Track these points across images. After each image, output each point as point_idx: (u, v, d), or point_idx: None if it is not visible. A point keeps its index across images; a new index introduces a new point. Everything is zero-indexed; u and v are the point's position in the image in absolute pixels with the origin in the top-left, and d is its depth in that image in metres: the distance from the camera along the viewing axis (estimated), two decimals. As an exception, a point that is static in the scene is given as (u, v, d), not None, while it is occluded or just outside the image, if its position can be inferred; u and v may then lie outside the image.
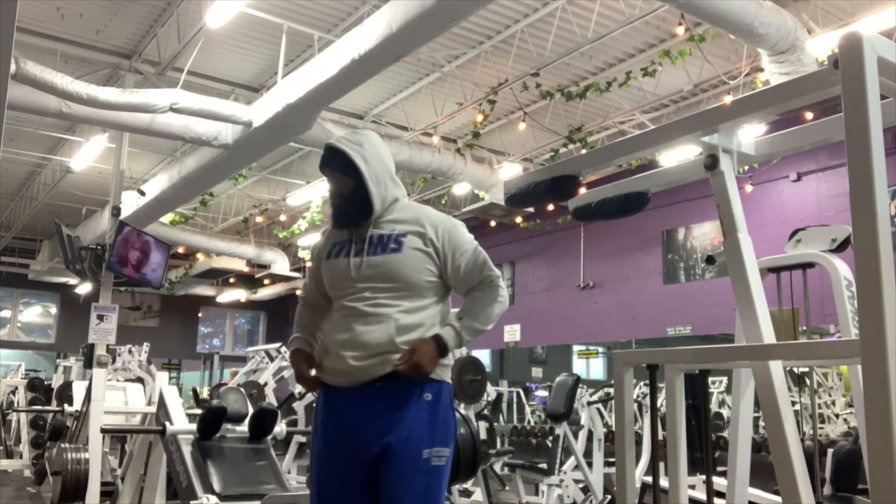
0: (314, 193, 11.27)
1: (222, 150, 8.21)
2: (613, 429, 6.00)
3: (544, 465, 6.25)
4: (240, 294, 18.84)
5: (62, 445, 5.29)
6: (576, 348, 14.28)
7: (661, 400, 6.15)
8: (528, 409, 13.65)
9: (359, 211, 2.37)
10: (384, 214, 2.38)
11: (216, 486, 3.98)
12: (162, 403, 4.68)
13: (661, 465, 2.55)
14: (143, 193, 9.75)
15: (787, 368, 3.29)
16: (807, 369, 4.05)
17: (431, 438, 2.26)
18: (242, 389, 5.26)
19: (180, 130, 7.76)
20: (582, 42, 7.40)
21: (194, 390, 9.70)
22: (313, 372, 2.44)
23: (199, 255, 15.56)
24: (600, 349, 13.90)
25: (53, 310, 18.88)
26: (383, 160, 2.41)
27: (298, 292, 18.56)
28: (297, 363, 2.49)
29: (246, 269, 16.22)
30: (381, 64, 6.26)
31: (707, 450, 2.30)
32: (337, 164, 2.38)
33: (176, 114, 7.10)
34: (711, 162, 2.11)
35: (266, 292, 18.29)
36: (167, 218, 12.08)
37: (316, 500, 2.34)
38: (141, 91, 7.11)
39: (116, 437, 7.10)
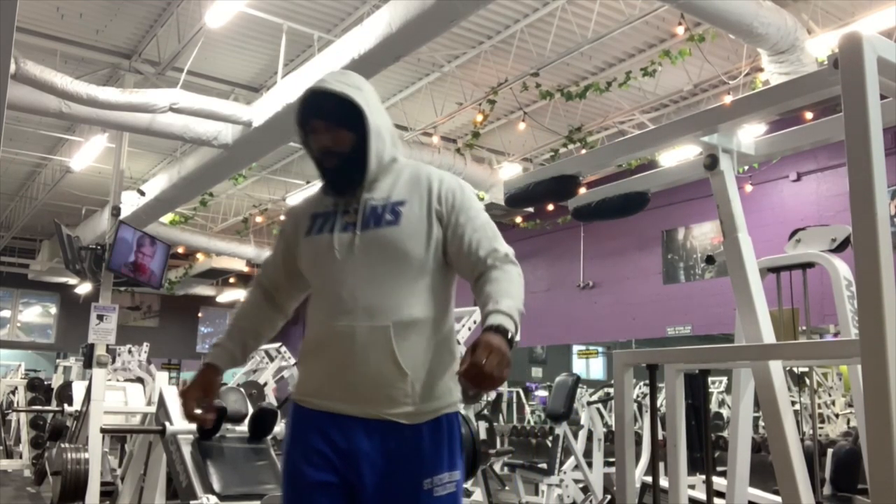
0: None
1: (222, 150, 8.21)
2: (613, 429, 6.00)
3: (544, 465, 6.25)
4: (240, 294, 18.84)
5: (62, 445, 5.28)
6: (576, 348, 14.29)
7: (661, 400, 6.15)
8: (527, 409, 13.65)
9: (357, 173, 1.85)
10: (378, 177, 1.86)
11: (216, 486, 3.98)
12: (162, 403, 4.67)
13: (661, 465, 2.55)
14: (143, 193, 9.76)
15: (787, 368, 3.29)
16: (807, 369, 4.05)
17: (434, 463, 1.77)
18: (242, 389, 5.26)
19: (180, 130, 7.76)
20: (582, 42, 7.40)
21: (194, 390, 9.68)
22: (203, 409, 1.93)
23: (199, 255, 15.56)
24: (600, 349, 13.91)
25: (53, 310, 18.88)
26: (383, 110, 1.92)
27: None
28: (192, 387, 1.94)
29: (246, 269, 16.22)
30: (381, 64, 6.26)
31: (707, 450, 2.30)
32: (334, 113, 1.85)
33: (176, 114, 7.11)
34: (711, 162, 2.11)
35: (266, 292, 18.27)
36: (167, 218, 12.08)
37: None
38: (141, 91, 7.11)
39: (116, 437, 7.10)
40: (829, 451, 4.10)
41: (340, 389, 1.78)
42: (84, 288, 14.45)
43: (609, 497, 5.96)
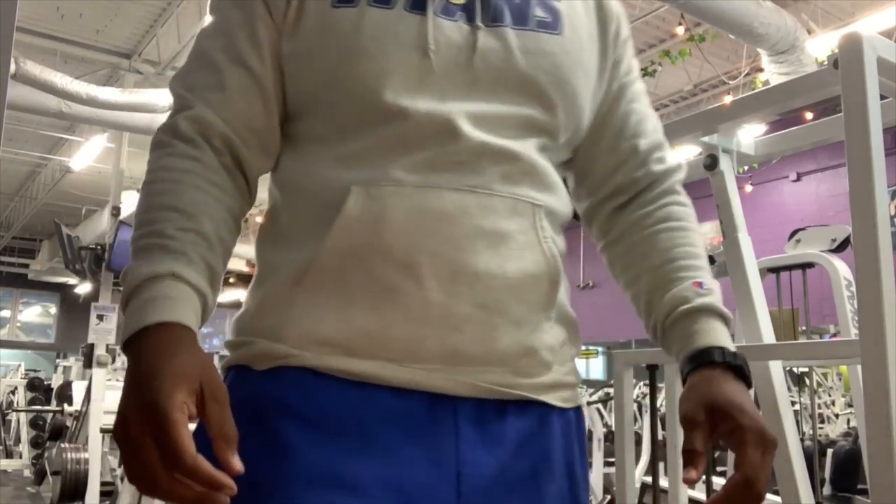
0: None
1: (222, 150, 8.21)
2: (613, 429, 6.00)
3: (544, 465, 6.24)
4: (240, 294, 18.80)
5: (62, 445, 5.29)
6: (576, 348, 14.25)
7: (661, 400, 6.15)
8: (527, 409, 13.65)
9: None
10: None
11: (216, 486, 3.97)
12: (162, 403, 4.67)
13: (661, 465, 2.55)
14: (143, 193, 9.74)
15: (787, 368, 3.30)
16: (807, 369, 4.06)
17: (586, 485, 0.95)
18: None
19: (180, 130, 7.76)
20: (582, 42, 7.40)
21: (194, 390, 9.69)
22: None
23: (199, 255, 15.57)
24: (600, 349, 13.91)
25: (53, 310, 18.89)
26: None
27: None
28: (174, 397, 0.70)
29: (246, 268, 16.20)
30: (381, 64, 6.26)
31: (707, 450, 2.30)
32: None
33: (176, 114, 7.11)
34: (711, 162, 2.11)
35: (266, 292, 18.27)
36: (167, 218, 12.08)
37: None
38: (141, 91, 7.11)
39: (116, 437, 7.09)
40: (829, 451, 4.10)
41: (430, 332, 0.81)
42: (84, 288, 14.45)
43: (609, 497, 5.96)
